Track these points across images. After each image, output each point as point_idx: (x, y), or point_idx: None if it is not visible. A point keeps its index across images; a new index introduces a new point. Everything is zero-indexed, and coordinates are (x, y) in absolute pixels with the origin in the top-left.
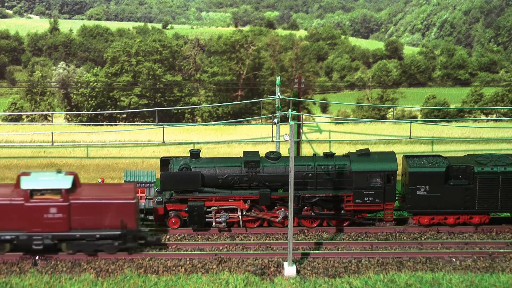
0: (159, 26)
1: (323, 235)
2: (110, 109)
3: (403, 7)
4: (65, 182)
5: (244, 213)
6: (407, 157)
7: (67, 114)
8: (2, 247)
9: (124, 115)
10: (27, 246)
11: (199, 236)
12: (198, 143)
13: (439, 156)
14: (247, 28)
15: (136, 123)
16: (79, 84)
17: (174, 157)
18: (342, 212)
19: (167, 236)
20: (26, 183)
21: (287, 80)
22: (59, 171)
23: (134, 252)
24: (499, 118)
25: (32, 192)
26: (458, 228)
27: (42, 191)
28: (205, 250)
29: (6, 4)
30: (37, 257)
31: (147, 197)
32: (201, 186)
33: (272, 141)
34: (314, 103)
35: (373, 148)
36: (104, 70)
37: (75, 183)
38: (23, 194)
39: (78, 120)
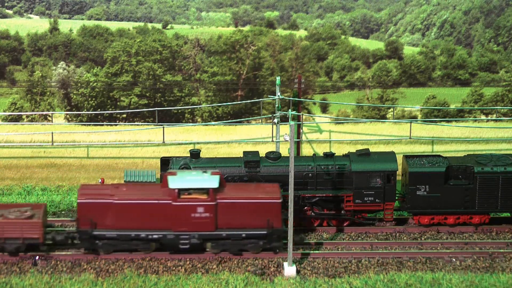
0: (159, 26)
1: (323, 235)
2: (110, 109)
3: (403, 7)
4: (212, 182)
5: None
6: (407, 157)
7: (67, 114)
8: (149, 246)
9: (124, 115)
10: (174, 246)
11: None
12: (198, 143)
13: (439, 156)
14: (247, 28)
15: (136, 123)
16: (79, 84)
17: (174, 157)
18: (342, 212)
19: None
20: (174, 183)
21: (287, 80)
22: (204, 171)
23: (279, 251)
24: (499, 118)
25: (180, 192)
26: (458, 228)
27: (189, 191)
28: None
29: (6, 4)
30: (37, 257)
31: None
32: None
33: (272, 141)
34: (314, 103)
35: (373, 148)
36: (104, 70)
37: (222, 182)
38: (171, 194)
39: (78, 120)
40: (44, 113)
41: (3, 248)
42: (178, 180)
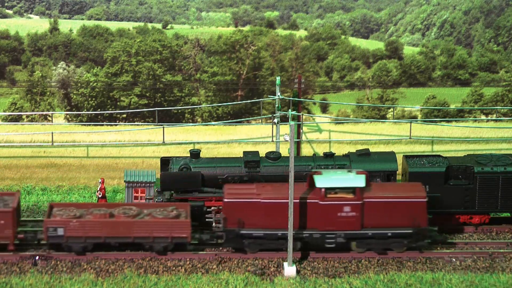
0: (159, 26)
1: None
2: (110, 109)
3: (403, 7)
4: (359, 181)
5: None
6: (407, 157)
7: (67, 114)
8: (294, 245)
9: (124, 115)
10: (320, 245)
11: None
12: (198, 143)
13: (439, 156)
14: (247, 28)
15: (136, 123)
16: (79, 84)
17: (174, 157)
18: None
19: None
20: (321, 182)
21: (287, 80)
22: (349, 170)
23: (424, 250)
24: (499, 118)
25: (327, 191)
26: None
27: (336, 190)
28: (205, 250)
29: (6, 4)
30: (37, 257)
31: (147, 197)
32: (201, 186)
33: (272, 141)
34: (314, 103)
35: (373, 148)
36: (104, 70)
37: (367, 182)
38: (318, 193)
39: (78, 120)
40: (44, 113)
41: (151, 247)
42: (325, 180)
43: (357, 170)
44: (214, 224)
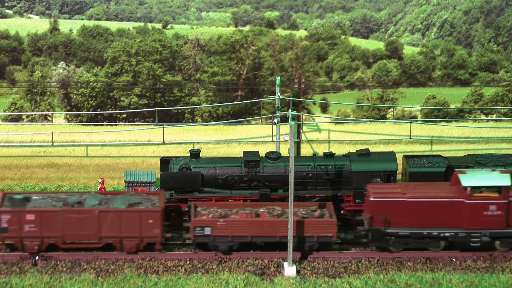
0: (159, 26)
1: None
2: (110, 109)
3: (403, 7)
4: (504, 180)
5: None
6: (407, 157)
7: (67, 114)
8: (437, 245)
9: (124, 115)
10: (464, 244)
11: None
12: (198, 143)
13: (439, 156)
14: (247, 28)
15: (136, 123)
16: (79, 84)
17: (174, 157)
18: (341, 212)
19: None
20: (467, 181)
21: (287, 80)
22: (493, 169)
23: None
24: (499, 118)
25: (472, 190)
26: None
27: (481, 189)
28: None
29: (6, 4)
30: (37, 257)
31: None
32: (201, 186)
33: (272, 141)
34: (314, 103)
35: (373, 148)
36: (104, 70)
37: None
38: (463, 192)
39: (78, 120)
40: (44, 113)
41: (298, 246)
42: (471, 179)
43: (500, 170)
44: None
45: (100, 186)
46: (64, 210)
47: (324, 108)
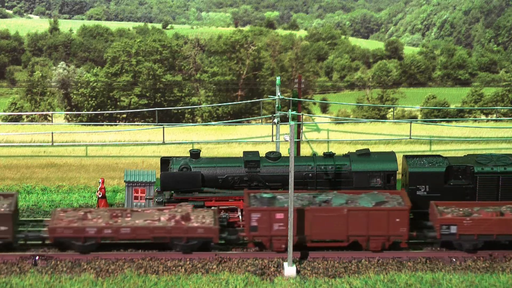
0: (159, 26)
1: None
2: (110, 109)
3: (403, 7)
4: None
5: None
6: (407, 157)
7: (67, 114)
8: None
9: (124, 115)
10: None
11: None
12: (198, 143)
13: (439, 156)
14: (247, 28)
15: (136, 123)
16: (79, 84)
17: (174, 157)
18: None
19: None
20: None
21: (287, 80)
22: None
23: None
24: (499, 118)
25: None
26: None
27: None
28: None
29: (6, 4)
30: (37, 257)
31: (147, 197)
32: (201, 186)
33: (272, 141)
34: (314, 103)
35: (373, 148)
36: (104, 70)
37: None
38: None
39: (78, 120)
40: (44, 113)
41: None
42: None
43: None
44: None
45: (100, 186)
46: (313, 209)
47: (324, 108)
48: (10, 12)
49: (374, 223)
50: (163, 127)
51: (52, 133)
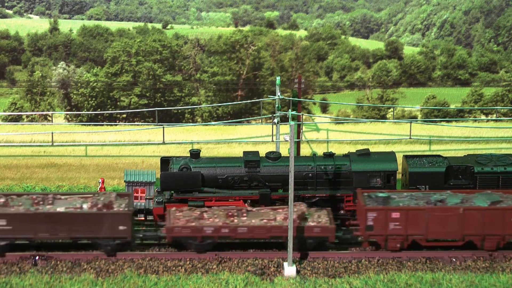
0: (159, 26)
1: None
2: (110, 109)
3: (403, 7)
4: None
5: None
6: (407, 157)
7: (67, 114)
8: None
9: (124, 115)
10: None
11: None
12: (198, 143)
13: (439, 156)
14: (247, 28)
15: (136, 123)
16: (79, 84)
17: (174, 157)
18: (341, 212)
19: None
20: None
21: (287, 80)
22: None
23: None
24: (499, 118)
25: None
26: None
27: None
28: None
29: (6, 4)
30: (37, 257)
31: (147, 197)
32: (201, 186)
33: (272, 141)
34: (314, 103)
35: (373, 148)
36: (104, 70)
37: None
38: None
39: (78, 120)
40: (44, 113)
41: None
42: None
43: None
44: None
45: (100, 186)
46: (429, 208)
47: (324, 108)
48: (10, 12)
49: (490, 223)
50: (163, 127)
51: (52, 133)
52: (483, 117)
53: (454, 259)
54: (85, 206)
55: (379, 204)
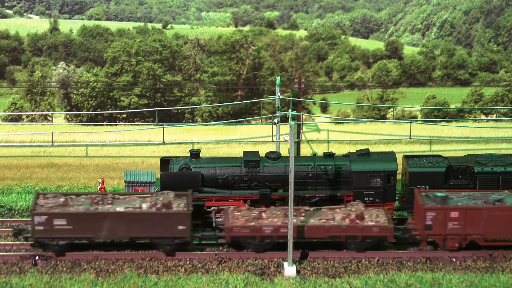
0: (159, 26)
1: None
2: (110, 109)
3: (403, 7)
4: None
5: None
6: (407, 157)
7: (67, 114)
8: None
9: (124, 115)
10: None
11: None
12: (198, 143)
13: (439, 156)
14: (247, 28)
15: (136, 123)
16: (79, 84)
17: (174, 157)
18: None
19: None
20: None
21: (287, 80)
22: None
23: None
24: (499, 118)
25: None
26: None
27: None
28: (205, 250)
29: (6, 4)
30: (37, 257)
31: None
32: (201, 186)
33: (272, 141)
34: (314, 103)
35: (373, 148)
36: (104, 70)
37: None
38: None
39: (78, 120)
40: (44, 113)
41: None
42: None
43: None
44: (214, 224)
45: (100, 186)
46: (488, 208)
47: (324, 108)
48: (10, 12)
49: None
50: (163, 127)
51: (52, 133)
52: (483, 117)
53: (454, 259)
54: (144, 206)
55: (438, 204)
